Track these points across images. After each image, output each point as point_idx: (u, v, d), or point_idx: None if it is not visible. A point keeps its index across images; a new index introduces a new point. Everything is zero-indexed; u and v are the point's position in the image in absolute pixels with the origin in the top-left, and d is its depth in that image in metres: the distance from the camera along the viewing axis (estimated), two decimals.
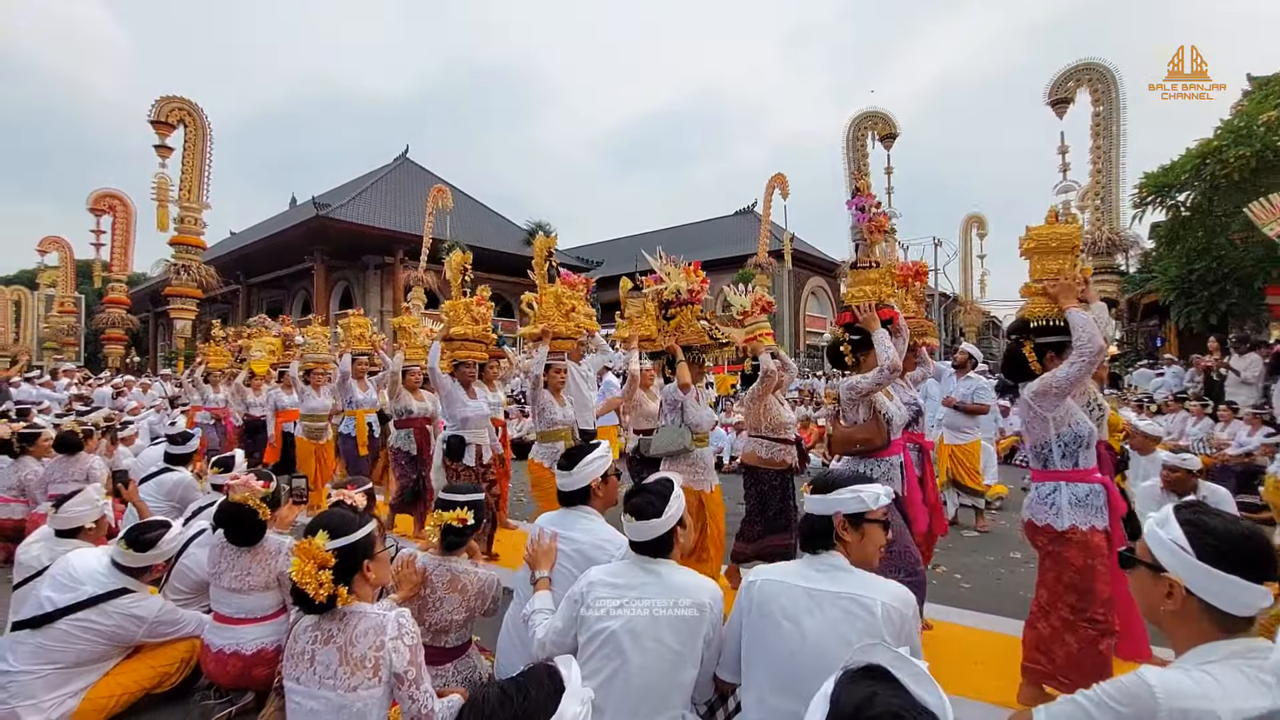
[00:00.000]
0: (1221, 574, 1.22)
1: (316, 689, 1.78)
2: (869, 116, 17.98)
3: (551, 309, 4.63)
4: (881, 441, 2.91)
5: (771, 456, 3.89)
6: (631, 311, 4.62)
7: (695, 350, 4.01)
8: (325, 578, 1.77)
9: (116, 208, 18.65)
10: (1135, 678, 1.23)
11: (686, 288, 3.91)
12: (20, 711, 2.45)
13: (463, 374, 4.77)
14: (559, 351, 4.66)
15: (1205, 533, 1.25)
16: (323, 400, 6.51)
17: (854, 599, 1.72)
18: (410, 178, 26.36)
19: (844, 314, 3.09)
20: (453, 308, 4.92)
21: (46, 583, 2.67)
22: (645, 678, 1.81)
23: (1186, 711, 1.14)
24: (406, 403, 5.45)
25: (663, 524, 1.97)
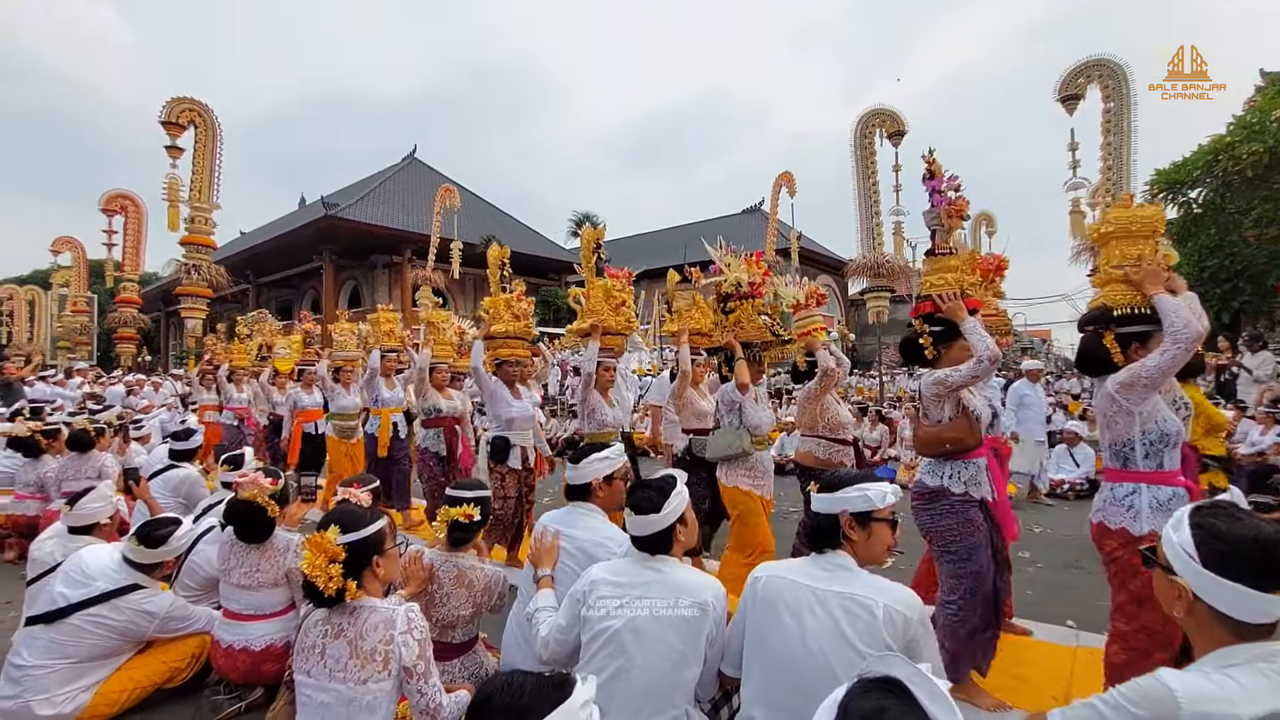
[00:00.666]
0: (1225, 581, 1.19)
1: (327, 682, 1.80)
2: (877, 114, 17.84)
3: (601, 303, 4.38)
4: (975, 440, 2.69)
5: (829, 457, 3.74)
6: (680, 304, 4.50)
7: (755, 347, 3.80)
8: (335, 571, 1.80)
9: (128, 208, 18.76)
10: (1154, 680, 1.20)
11: (748, 280, 3.70)
12: (34, 705, 2.49)
13: (506, 373, 4.56)
14: (609, 349, 4.47)
15: (1213, 537, 1.22)
16: (353, 399, 6.33)
17: (856, 600, 1.71)
18: (418, 177, 26.47)
19: (922, 304, 2.88)
20: (493, 304, 4.70)
21: (59, 578, 2.71)
22: (648, 676, 1.81)
23: (1210, 715, 1.11)
24: (435, 401, 5.26)
25: (660, 520, 1.97)
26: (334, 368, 6.44)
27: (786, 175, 20.13)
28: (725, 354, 3.81)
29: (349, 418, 6.30)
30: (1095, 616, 3.68)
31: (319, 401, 6.89)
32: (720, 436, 3.64)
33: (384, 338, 6.10)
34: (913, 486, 2.79)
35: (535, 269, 24.61)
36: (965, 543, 2.58)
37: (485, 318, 4.74)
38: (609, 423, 4.23)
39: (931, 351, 2.81)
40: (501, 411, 4.44)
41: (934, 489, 2.67)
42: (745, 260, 3.79)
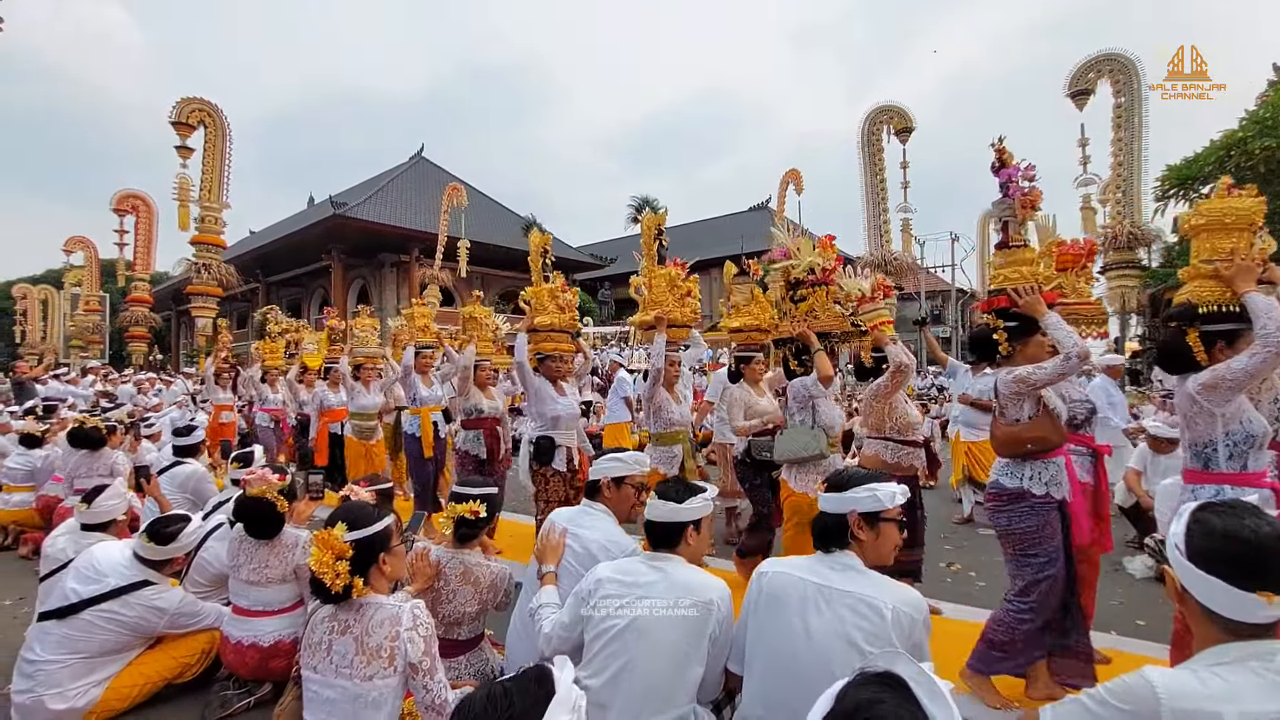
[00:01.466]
0: (1202, 574, 1.19)
1: (333, 678, 1.82)
2: (884, 110, 17.77)
3: (665, 293, 4.04)
4: (1058, 439, 2.58)
5: (898, 461, 3.48)
6: (738, 299, 4.19)
7: (832, 338, 3.52)
8: (342, 568, 1.81)
9: (139, 208, 18.92)
10: (1138, 676, 1.20)
11: (822, 265, 3.41)
12: (46, 699, 2.52)
13: (550, 369, 4.30)
14: (675, 342, 4.23)
15: (1202, 532, 1.22)
16: (372, 398, 6.06)
17: (864, 600, 1.71)
18: (425, 176, 26.55)
19: (996, 298, 2.75)
20: (536, 295, 4.41)
21: (71, 575, 2.75)
22: (651, 674, 1.81)
23: (1191, 713, 1.10)
24: (476, 401, 4.94)
25: (679, 511, 2.01)
26: (354, 364, 6.16)
27: (794, 173, 20.07)
28: (795, 346, 3.52)
29: (368, 417, 6.06)
30: (1102, 616, 3.67)
31: (344, 400, 6.68)
32: (792, 437, 3.37)
33: (419, 333, 5.83)
34: (989, 488, 2.71)
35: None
36: (1045, 546, 2.50)
37: (527, 309, 4.49)
38: (676, 421, 3.94)
39: (1006, 348, 2.70)
40: (546, 410, 4.18)
41: (1013, 490, 2.57)
42: (822, 241, 3.46)
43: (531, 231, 4.74)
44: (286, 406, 7.61)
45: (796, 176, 19.77)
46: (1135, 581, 4.44)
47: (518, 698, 1.02)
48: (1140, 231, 14.55)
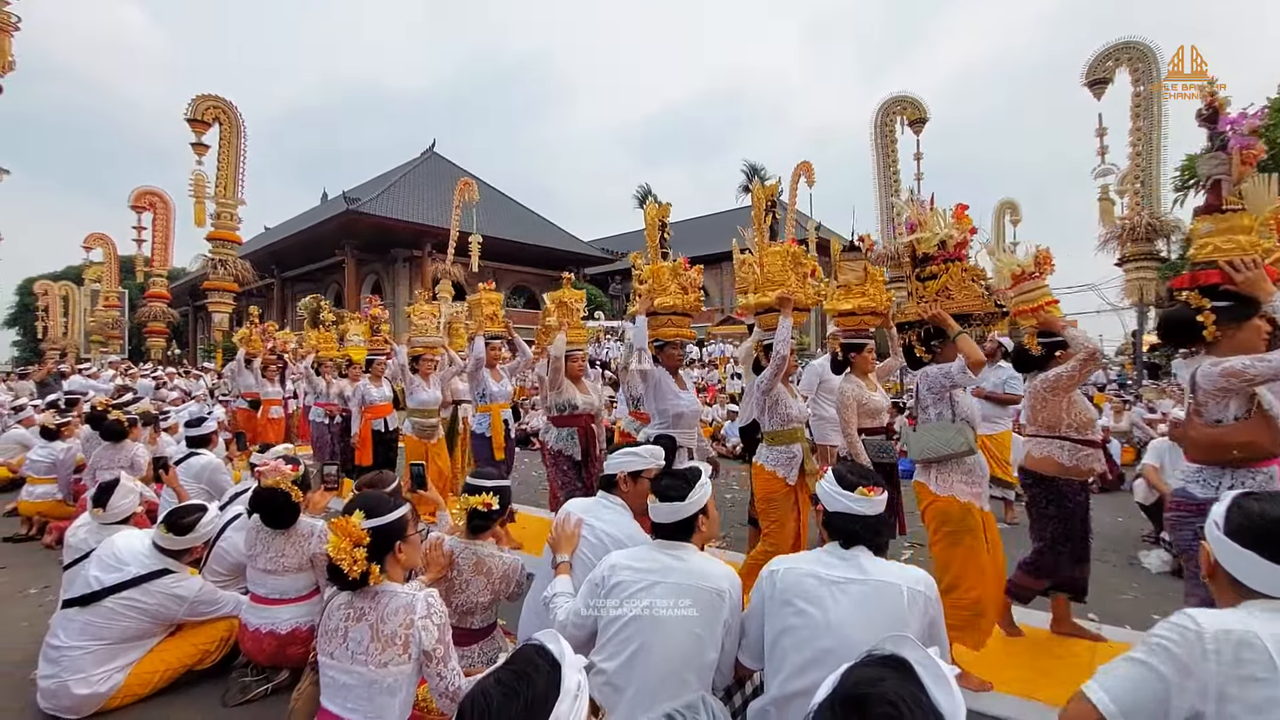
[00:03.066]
0: (1238, 547, 1.29)
1: (349, 664, 1.85)
2: (898, 101, 17.58)
3: (786, 271, 3.55)
4: (1272, 446, 2.25)
5: (1077, 464, 3.05)
6: (848, 277, 3.77)
7: (974, 320, 3.07)
8: (360, 555, 1.84)
9: (156, 204, 19.15)
10: (1179, 614, 1.29)
11: (957, 237, 2.99)
12: (71, 684, 2.58)
13: (670, 357, 3.86)
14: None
15: (1241, 512, 1.33)
16: (433, 392, 5.54)
17: (880, 584, 1.75)
18: (437, 171, 26.65)
19: (1204, 272, 2.35)
20: (655, 273, 3.99)
21: (93, 563, 2.81)
22: (666, 660, 1.84)
23: (1230, 630, 1.22)
24: (570, 395, 4.45)
25: (685, 508, 2.02)
26: (412, 356, 5.64)
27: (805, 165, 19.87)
28: (924, 330, 3.10)
29: (429, 414, 5.53)
30: (1116, 610, 3.64)
31: (388, 395, 6.35)
32: (931, 434, 2.96)
33: (487, 322, 5.38)
34: (1174, 494, 2.47)
35: (552, 262, 24.68)
36: None
37: (644, 290, 4.07)
38: (795, 417, 3.46)
39: (1213, 332, 2.34)
40: (667, 405, 3.74)
41: (1204, 502, 2.26)
42: (958, 210, 3.06)
43: (647, 203, 4.40)
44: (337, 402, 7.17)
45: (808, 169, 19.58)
46: (1151, 576, 4.40)
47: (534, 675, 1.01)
48: (1159, 222, 14.30)
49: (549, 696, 1.00)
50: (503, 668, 1.05)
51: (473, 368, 5.13)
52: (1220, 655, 1.21)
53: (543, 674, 1.02)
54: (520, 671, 1.02)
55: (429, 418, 5.52)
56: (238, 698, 2.75)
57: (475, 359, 5.08)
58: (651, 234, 4.16)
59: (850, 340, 3.82)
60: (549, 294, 5.08)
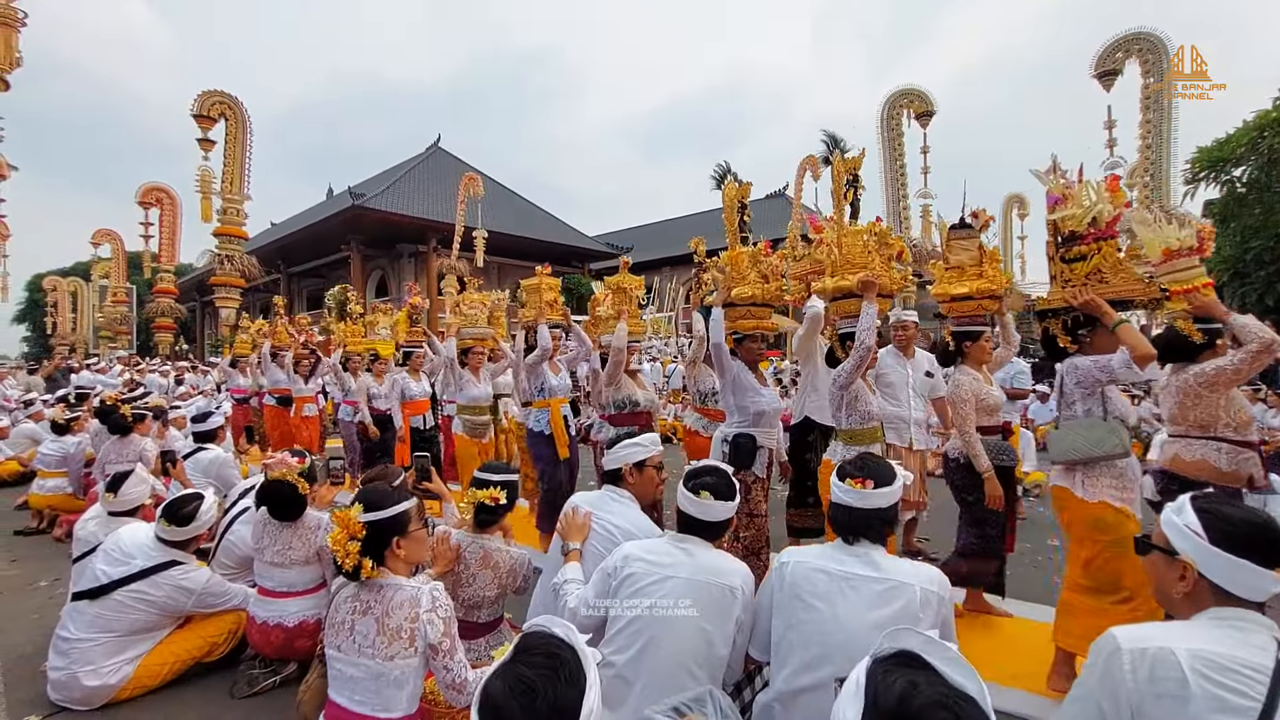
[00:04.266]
0: (1232, 558, 1.26)
1: (356, 657, 1.85)
2: (904, 94, 17.47)
3: (869, 253, 3.20)
4: None
5: (1236, 468, 2.72)
6: (961, 258, 3.43)
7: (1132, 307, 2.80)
8: (353, 548, 1.84)
9: (163, 201, 19.23)
10: (1105, 634, 1.31)
11: (1111, 212, 2.69)
12: (81, 676, 2.60)
13: (749, 351, 3.61)
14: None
15: (1219, 520, 1.30)
16: (484, 387, 5.16)
17: (893, 583, 1.73)
18: (442, 167, 26.62)
19: None
20: (733, 260, 3.70)
21: (100, 556, 2.82)
22: (676, 654, 1.83)
23: (1145, 650, 1.22)
24: (629, 392, 4.12)
25: (729, 509, 2.04)
26: (461, 348, 5.26)
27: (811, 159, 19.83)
28: (1071, 318, 2.80)
29: (479, 410, 5.12)
30: None
31: (427, 390, 6.04)
32: (1078, 433, 2.70)
33: (546, 309, 4.91)
34: None
35: (558, 256, 24.67)
36: None
37: (721, 278, 3.78)
38: (875, 414, 3.24)
39: None
40: (747, 401, 3.47)
41: None
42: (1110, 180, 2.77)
43: (725, 183, 4.12)
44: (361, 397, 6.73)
45: (814, 163, 19.54)
46: None
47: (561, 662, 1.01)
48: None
49: (581, 681, 1.01)
50: (527, 653, 1.04)
51: (536, 359, 4.66)
52: (1136, 673, 1.21)
53: (570, 660, 1.02)
54: (551, 654, 1.02)
55: (480, 415, 5.15)
56: (245, 690, 2.76)
57: (541, 349, 4.65)
58: (730, 217, 3.88)
59: (965, 328, 3.42)
60: (606, 279, 4.71)
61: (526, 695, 0.97)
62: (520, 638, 1.10)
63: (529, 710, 0.96)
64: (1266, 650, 1.20)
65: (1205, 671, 1.17)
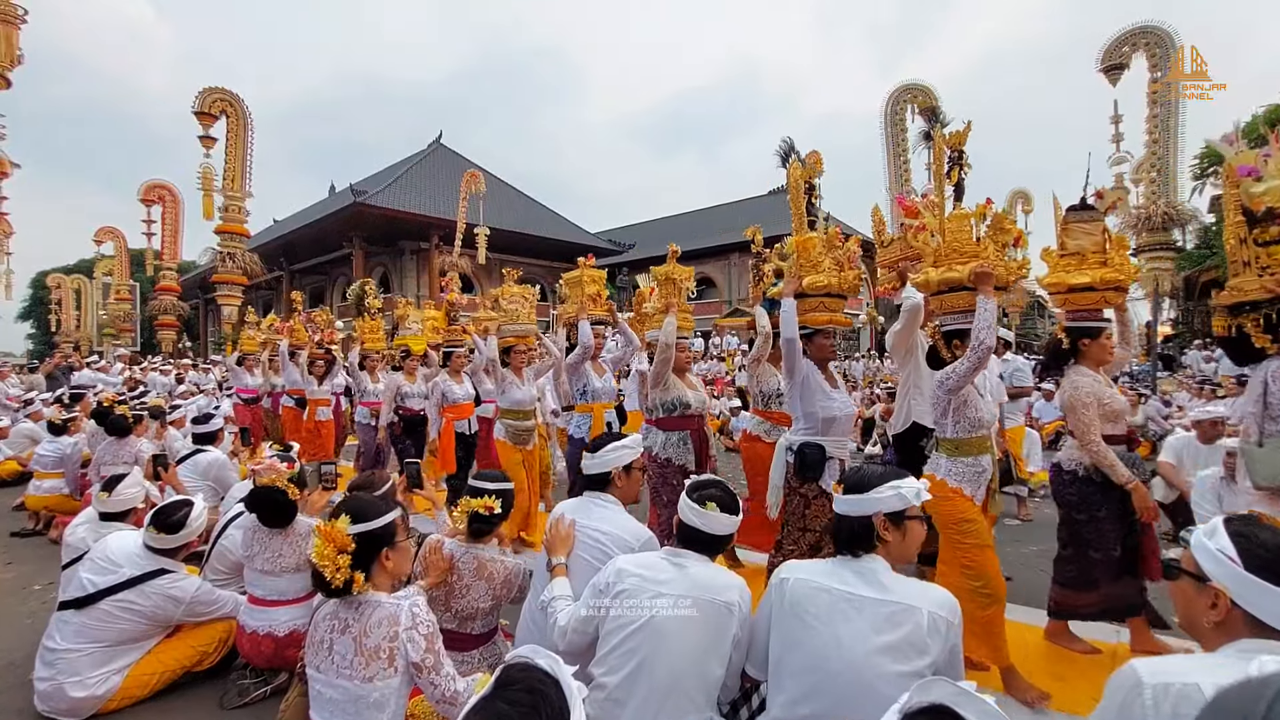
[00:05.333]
0: (1270, 586, 1.17)
1: (334, 678, 1.79)
2: (908, 89, 17.33)
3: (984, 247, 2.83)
4: None
5: None
6: (1083, 243, 3.00)
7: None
8: (343, 562, 1.77)
9: (165, 198, 19.18)
10: (1125, 666, 1.22)
11: None
12: (67, 687, 2.56)
13: (820, 349, 3.27)
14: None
15: (1255, 545, 1.21)
16: (528, 389, 4.68)
17: (899, 606, 1.64)
18: (444, 163, 26.57)
19: None
20: (803, 246, 3.39)
21: (86, 565, 2.77)
22: (670, 675, 1.77)
23: (1169, 685, 1.13)
24: (679, 393, 3.75)
25: (732, 524, 1.98)
26: (503, 346, 4.80)
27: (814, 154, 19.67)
28: (1276, 313, 2.46)
29: (524, 415, 4.64)
30: None
31: (470, 393, 5.63)
32: None
33: (589, 304, 4.51)
34: None
35: (560, 253, 24.59)
36: None
37: (787, 267, 3.49)
38: (985, 421, 2.84)
39: None
40: (816, 407, 3.16)
41: None
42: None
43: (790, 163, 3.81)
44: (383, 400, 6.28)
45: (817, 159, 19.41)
46: None
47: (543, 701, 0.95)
48: (1175, 211, 14.00)
49: (565, 715, 0.95)
50: (507, 688, 0.98)
51: (577, 358, 4.31)
52: (1159, 710, 1.12)
53: (553, 697, 0.96)
54: (533, 689, 0.96)
55: (525, 419, 4.63)
56: (236, 700, 2.72)
57: (582, 348, 4.28)
58: (796, 198, 3.54)
59: (1083, 323, 3.03)
60: (653, 269, 4.25)
61: None
62: (501, 671, 1.04)
63: None
64: None
65: None
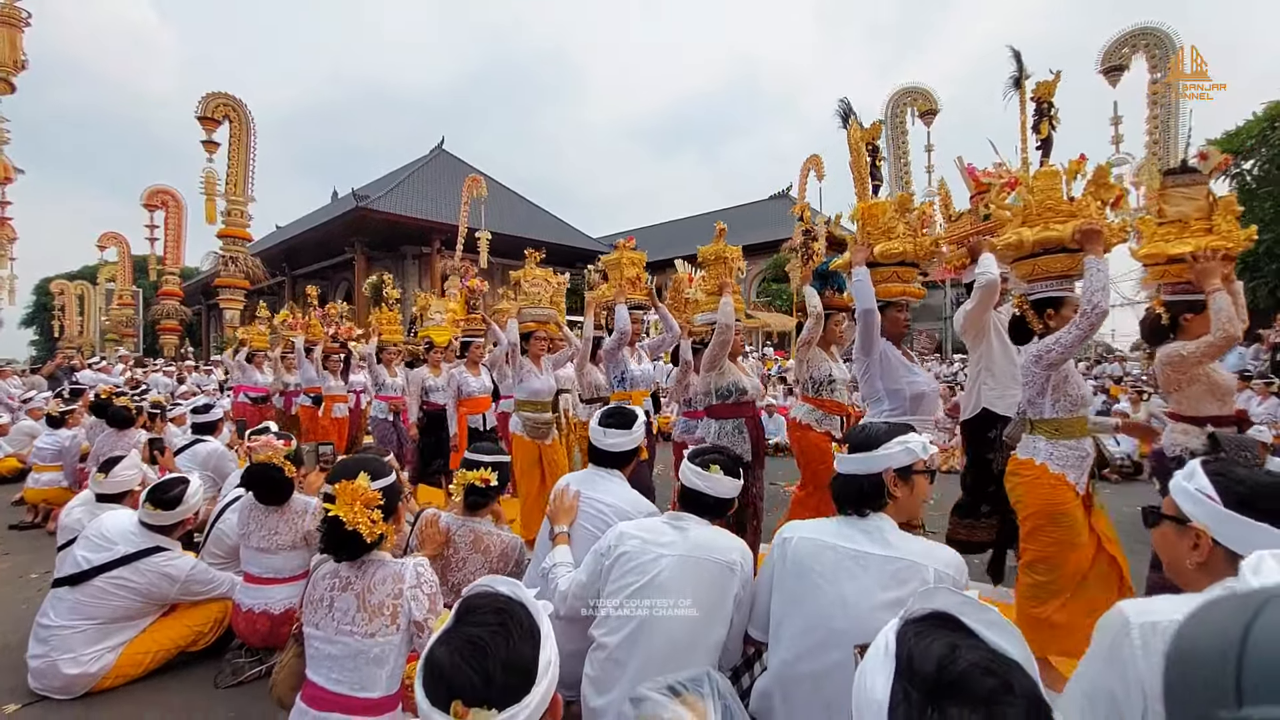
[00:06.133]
0: (1250, 521, 1.19)
1: (335, 635, 1.77)
2: (908, 92, 17.32)
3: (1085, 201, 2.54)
4: None
5: None
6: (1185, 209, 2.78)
7: None
8: (377, 516, 1.77)
9: (168, 203, 19.24)
10: (1112, 609, 1.19)
11: None
12: (60, 664, 2.53)
13: (895, 323, 3.10)
14: None
15: (1232, 481, 1.23)
16: (546, 379, 4.46)
17: (906, 563, 1.61)
18: (446, 168, 26.69)
19: None
20: (869, 214, 3.15)
21: (81, 543, 2.75)
22: (670, 635, 1.75)
23: (1156, 624, 1.10)
24: (735, 378, 3.56)
25: (737, 487, 2.00)
26: (522, 332, 4.52)
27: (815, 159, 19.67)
28: None
29: (542, 406, 4.39)
30: None
31: (488, 386, 5.41)
32: None
33: (627, 287, 4.30)
34: None
35: (562, 258, 24.65)
36: None
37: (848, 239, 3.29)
38: (1086, 399, 2.59)
39: None
40: (901, 384, 2.98)
41: None
42: None
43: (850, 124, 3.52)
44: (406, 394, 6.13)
45: (818, 163, 19.37)
46: None
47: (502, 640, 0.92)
48: None
49: (535, 635, 0.94)
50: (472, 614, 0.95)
51: (614, 344, 4.10)
52: (1148, 647, 1.10)
53: (520, 615, 0.94)
54: (499, 610, 0.94)
55: (543, 411, 4.38)
56: (230, 680, 2.69)
57: (619, 333, 4.07)
58: (858, 162, 3.34)
59: (1185, 295, 2.79)
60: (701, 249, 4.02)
61: (476, 656, 0.88)
62: (461, 601, 1.00)
63: (480, 671, 0.87)
64: None
65: None
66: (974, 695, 0.70)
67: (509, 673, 0.88)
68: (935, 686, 0.72)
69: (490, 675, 0.86)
